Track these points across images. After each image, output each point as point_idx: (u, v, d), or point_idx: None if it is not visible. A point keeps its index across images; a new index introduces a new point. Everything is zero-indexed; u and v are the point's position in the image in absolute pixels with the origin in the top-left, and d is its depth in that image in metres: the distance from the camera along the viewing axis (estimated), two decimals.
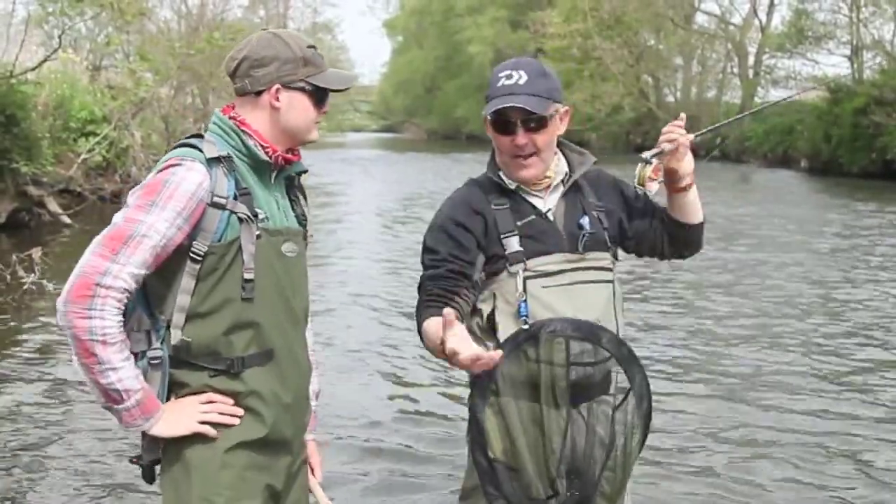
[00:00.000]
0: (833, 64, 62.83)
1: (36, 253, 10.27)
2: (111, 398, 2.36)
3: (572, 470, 2.74)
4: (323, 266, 12.16)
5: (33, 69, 15.46)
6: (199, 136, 2.52)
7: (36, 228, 14.86)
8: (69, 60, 19.66)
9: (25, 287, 9.75)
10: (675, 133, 2.85)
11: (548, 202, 2.89)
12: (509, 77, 2.78)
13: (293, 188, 2.70)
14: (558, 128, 2.86)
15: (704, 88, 49.20)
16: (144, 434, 2.46)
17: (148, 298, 2.45)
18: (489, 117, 2.79)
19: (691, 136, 2.91)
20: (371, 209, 20.52)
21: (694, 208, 3.01)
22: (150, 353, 2.42)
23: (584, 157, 2.98)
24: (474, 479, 2.85)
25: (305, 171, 2.72)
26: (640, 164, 2.86)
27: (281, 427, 2.56)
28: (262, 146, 2.52)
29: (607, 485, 2.77)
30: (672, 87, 51.53)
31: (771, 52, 43.07)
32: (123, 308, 2.34)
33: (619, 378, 2.78)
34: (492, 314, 2.81)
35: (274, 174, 2.58)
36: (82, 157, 16.62)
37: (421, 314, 2.77)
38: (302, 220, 2.68)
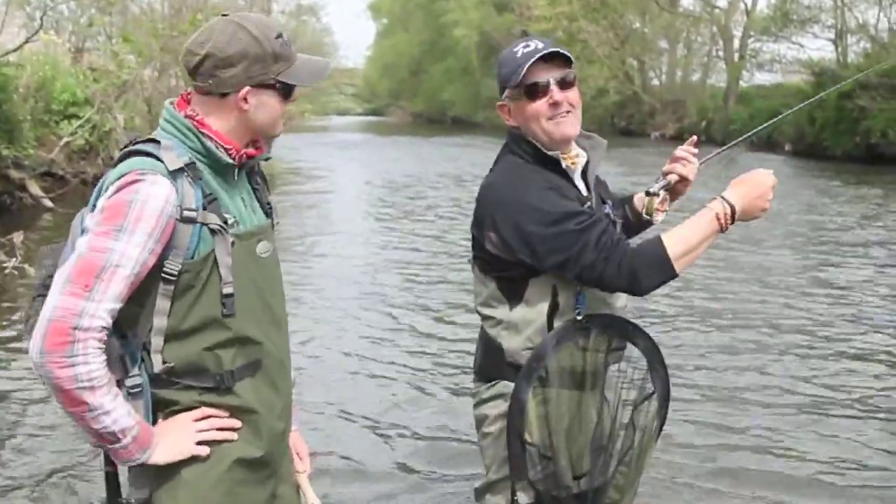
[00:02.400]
0: (818, 48, 63.01)
1: (17, 237, 10.21)
2: (106, 440, 2.19)
3: (596, 454, 2.78)
4: (303, 262, 12.11)
5: (14, 51, 15.29)
6: (153, 140, 2.27)
7: (17, 212, 14.75)
8: (51, 42, 19.46)
9: (7, 271, 9.70)
10: (684, 166, 2.90)
11: (582, 186, 2.85)
12: (527, 46, 2.75)
13: (253, 175, 2.49)
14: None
15: (689, 72, 49.27)
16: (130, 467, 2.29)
17: (118, 320, 2.21)
18: (523, 81, 2.70)
19: (696, 165, 2.94)
20: (355, 196, 20.45)
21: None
22: (128, 382, 2.24)
23: (594, 140, 2.92)
24: (503, 472, 2.84)
25: (269, 158, 2.50)
26: (647, 197, 2.85)
27: (276, 437, 2.46)
28: (224, 148, 2.31)
29: (621, 477, 2.83)
30: (657, 71, 51.58)
31: (756, 35, 43.07)
32: (104, 346, 2.15)
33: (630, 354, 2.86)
34: (554, 304, 2.75)
35: (237, 171, 2.38)
36: (64, 140, 16.49)
37: (636, 253, 2.61)
38: (267, 209, 2.50)
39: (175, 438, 2.28)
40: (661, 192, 2.84)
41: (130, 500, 2.33)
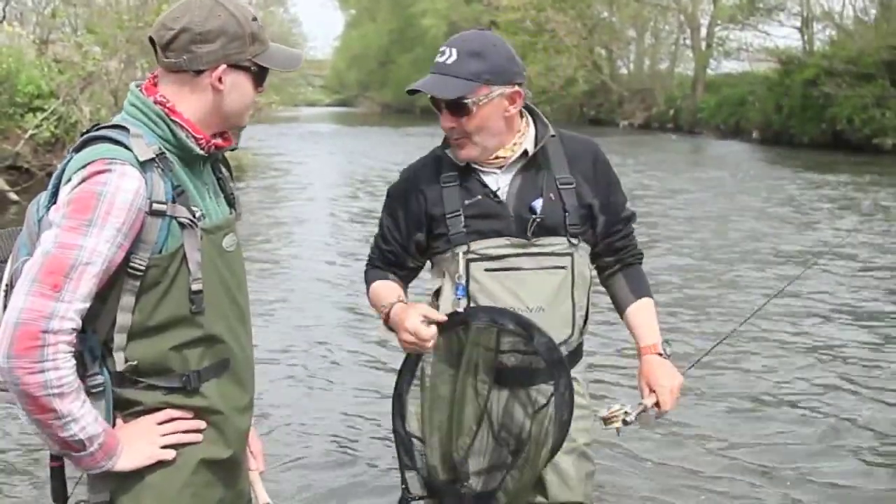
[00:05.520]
0: (784, 35, 63.28)
1: None
2: (71, 448, 2.09)
3: (483, 457, 2.69)
4: (271, 255, 12.04)
5: None
6: (120, 126, 2.16)
7: None
8: (15, 34, 19.23)
9: None
10: (668, 402, 2.77)
11: (500, 180, 2.78)
12: (442, 54, 2.68)
13: (217, 164, 2.41)
14: (496, 111, 2.69)
15: (657, 60, 49.39)
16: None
17: None
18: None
19: (679, 381, 2.82)
20: (325, 188, 20.38)
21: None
22: (89, 381, 2.13)
23: (546, 129, 2.84)
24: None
25: (235, 148, 2.41)
26: (620, 412, 2.69)
27: (241, 436, 2.42)
28: (194, 138, 2.23)
29: (511, 482, 2.67)
30: (625, 60, 51.66)
31: (723, 23, 43.27)
32: (73, 350, 2.05)
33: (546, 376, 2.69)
34: (438, 291, 2.81)
35: (202, 162, 2.30)
36: (30, 132, 16.27)
37: (367, 274, 3.03)
38: (231, 199, 2.42)
39: (140, 443, 2.19)
40: (634, 420, 2.71)
41: (90, 503, 2.23)
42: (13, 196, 15.17)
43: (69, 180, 2.10)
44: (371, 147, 32.04)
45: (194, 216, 2.18)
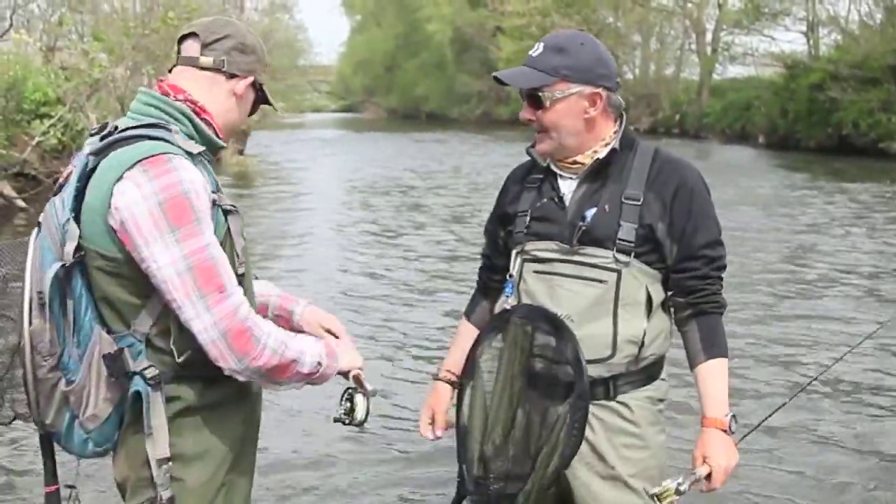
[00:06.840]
0: (789, 40, 63.25)
1: None
2: (315, 375, 2.32)
3: (509, 459, 2.67)
4: (271, 266, 12.02)
5: None
6: (155, 125, 2.20)
7: None
8: (22, 41, 19.32)
9: None
10: (719, 480, 2.58)
11: (572, 186, 2.74)
12: (532, 48, 2.71)
13: None
14: (573, 109, 2.66)
15: (663, 65, 49.45)
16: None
17: (102, 312, 2.18)
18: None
19: (735, 461, 2.61)
20: (332, 195, 20.41)
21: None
22: (147, 373, 2.15)
23: (629, 143, 2.84)
24: None
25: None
26: (671, 485, 2.47)
27: (257, 420, 2.50)
28: (216, 133, 2.35)
29: (529, 485, 2.62)
30: (631, 65, 51.67)
31: (728, 28, 43.31)
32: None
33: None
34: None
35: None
36: (37, 139, 16.35)
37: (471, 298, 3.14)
38: None
39: (349, 350, 2.48)
40: (685, 488, 2.50)
41: (162, 498, 2.21)
42: (20, 203, 15.22)
43: (119, 178, 2.09)
44: (377, 152, 32.07)
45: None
